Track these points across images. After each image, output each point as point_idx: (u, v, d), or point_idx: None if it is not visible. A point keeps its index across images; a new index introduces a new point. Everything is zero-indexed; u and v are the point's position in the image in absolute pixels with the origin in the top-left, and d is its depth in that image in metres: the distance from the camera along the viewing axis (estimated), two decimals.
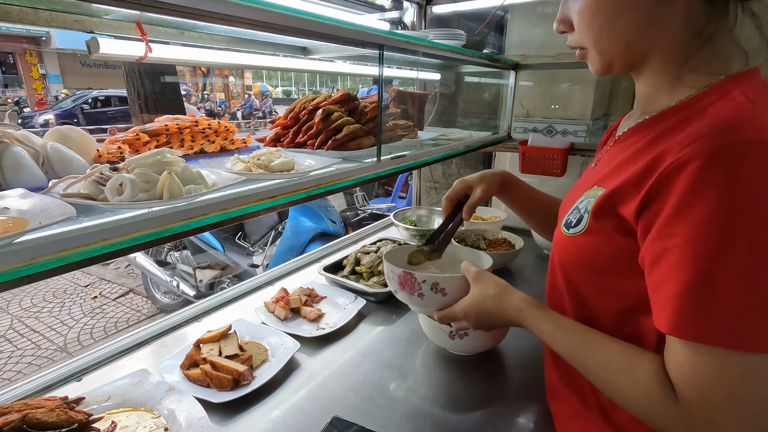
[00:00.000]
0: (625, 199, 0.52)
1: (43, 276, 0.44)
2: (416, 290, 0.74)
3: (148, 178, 0.61)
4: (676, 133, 0.50)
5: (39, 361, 2.90)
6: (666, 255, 0.45)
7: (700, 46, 0.52)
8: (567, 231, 0.64)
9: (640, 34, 0.55)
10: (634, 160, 0.54)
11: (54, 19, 0.63)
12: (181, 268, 3.10)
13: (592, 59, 0.61)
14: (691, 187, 0.43)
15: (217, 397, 0.81)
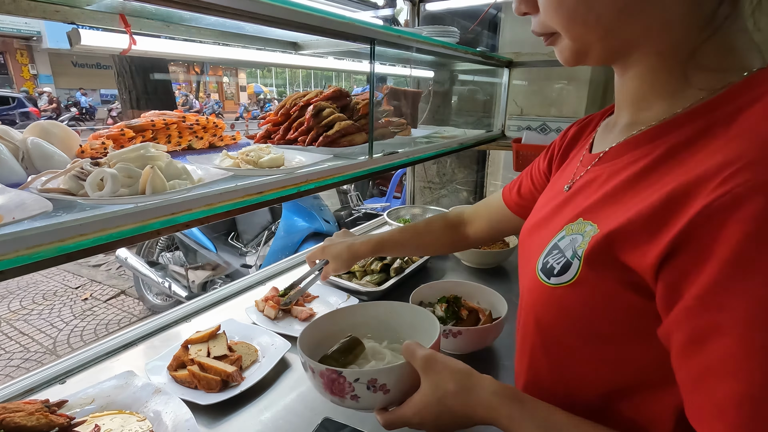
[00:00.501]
0: (633, 246, 0.38)
1: (16, 273, 0.42)
2: (348, 392, 0.55)
3: (131, 173, 0.59)
4: (697, 152, 0.37)
5: (27, 364, 2.85)
6: (716, 336, 0.30)
7: (709, 37, 0.40)
8: (547, 280, 0.48)
9: (627, 16, 0.41)
10: (639, 190, 0.41)
11: (33, 9, 0.60)
12: (173, 269, 3.06)
13: (562, 46, 0.48)
14: (752, 237, 0.29)
15: (204, 398, 0.79)
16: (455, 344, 0.92)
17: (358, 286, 1.20)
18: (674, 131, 0.41)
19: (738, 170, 0.31)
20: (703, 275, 0.32)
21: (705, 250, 0.32)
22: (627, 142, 0.47)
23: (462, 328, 0.89)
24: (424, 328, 0.70)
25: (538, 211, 0.61)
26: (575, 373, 0.49)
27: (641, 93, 0.47)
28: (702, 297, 0.32)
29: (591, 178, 0.50)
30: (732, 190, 0.31)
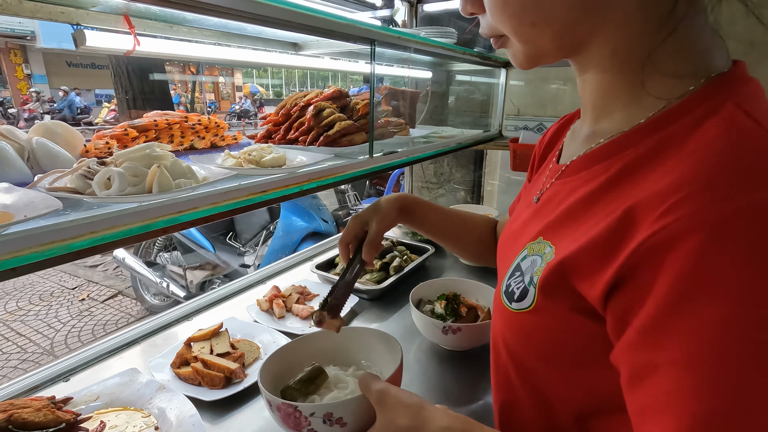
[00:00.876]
0: (584, 275, 0.37)
1: (29, 269, 0.43)
2: (304, 426, 0.54)
3: (137, 172, 0.60)
4: (648, 174, 0.35)
5: (25, 365, 2.84)
6: (656, 374, 0.30)
7: (666, 38, 0.37)
8: (509, 304, 0.47)
9: (578, 13, 0.38)
10: (594, 211, 0.39)
11: (39, 10, 0.61)
12: (171, 269, 3.06)
13: (514, 50, 0.44)
14: (687, 277, 0.28)
15: (208, 395, 0.80)
16: (455, 341, 0.93)
17: (358, 285, 1.21)
18: (630, 147, 0.39)
19: (679, 201, 0.30)
20: (643, 311, 0.31)
21: (645, 285, 0.31)
22: (586, 156, 0.44)
23: (461, 325, 0.91)
24: (389, 354, 0.70)
25: (513, 221, 0.60)
26: (547, 395, 0.48)
27: (600, 98, 0.44)
28: (641, 333, 0.31)
29: (553, 193, 0.48)
30: (671, 225, 0.29)
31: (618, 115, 0.42)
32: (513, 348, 0.49)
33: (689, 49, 0.38)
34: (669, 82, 0.38)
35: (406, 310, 1.16)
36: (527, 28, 0.41)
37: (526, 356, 0.48)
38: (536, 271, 0.44)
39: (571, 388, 0.45)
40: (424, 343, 1.02)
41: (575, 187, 0.44)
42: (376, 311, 1.17)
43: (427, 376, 0.90)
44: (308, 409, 0.54)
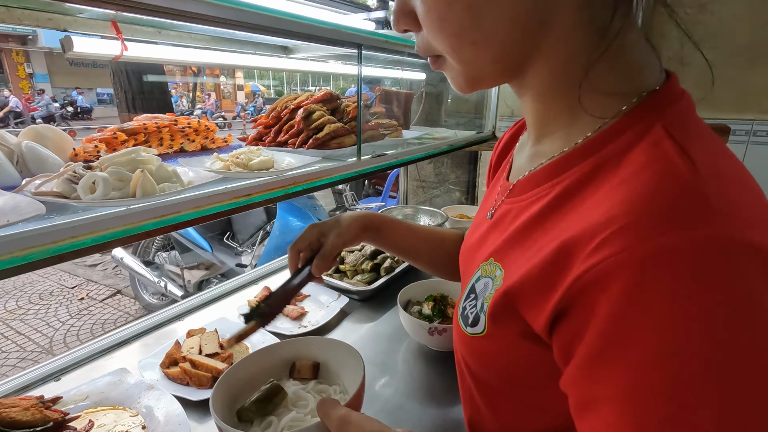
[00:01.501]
0: (529, 304, 0.37)
1: (11, 273, 0.44)
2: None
3: (122, 177, 0.61)
4: (584, 200, 0.36)
5: (23, 364, 2.86)
6: (596, 407, 0.31)
7: (603, 52, 0.36)
8: (465, 328, 0.47)
9: (518, 33, 0.37)
10: (537, 236, 0.39)
11: (27, 17, 0.63)
12: (169, 269, 3.08)
13: (453, 73, 0.42)
14: (620, 316, 0.29)
15: (195, 394, 0.81)
16: (441, 341, 0.94)
17: (348, 285, 1.23)
18: (569, 169, 0.39)
19: (609, 237, 0.30)
20: (581, 347, 0.32)
21: (581, 322, 0.31)
22: (531, 176, 0.44)
23: (447, 326, 0.92)
24: (352, 370, 0.67)
25: (471, 234, 0.59)
26: (507, 414, 0.48)
27: (540, 118, 0.44)
28: (580, 368, 0.32)
29: (504, 212, 0.48)
30: (600, 264, 0.30)
31: (558, 134, 0.42)
32: (473, 368, 0.50)
33: (623, 65, 0.38)
34: (604, 101, 0.38)
35: (396, 311, 1.17)
36: (467, 48, 0.38)
37: (485, 377, 0.48)
38: (487, 297, 0.44)
39: (527, 408, 0.46)
40: (413, 343, 1.03)
41: (522, 208, 0.44)
42: (366, 312, 1.18)
43: (413, 377, 0.91)
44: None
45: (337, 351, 0.72)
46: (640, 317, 0.28)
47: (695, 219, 0.28)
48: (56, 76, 16.35)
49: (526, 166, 0.47)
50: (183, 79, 18.56)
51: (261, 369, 0.70)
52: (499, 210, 0.49)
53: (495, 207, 0.51)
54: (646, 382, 0.28)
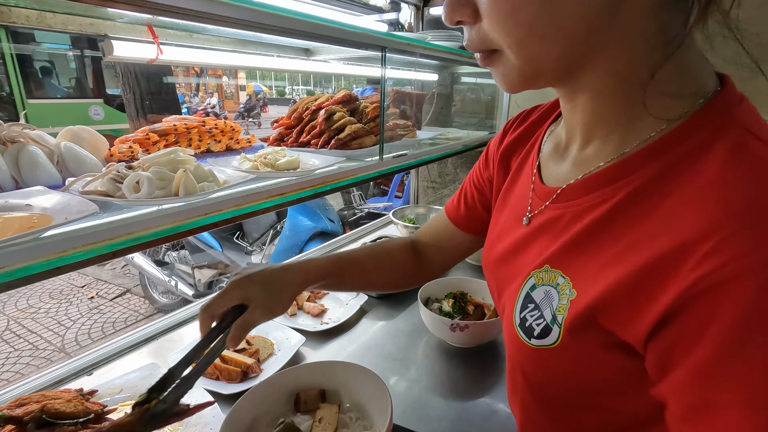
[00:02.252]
0: (620, 317, 0.36)
1: (72, 268, 0.46)
2: None
3: (163, 176, 0.63)
4: (662, 201, 0.35)
5: (37, 362, 2.89)
6: (715, 412, 0.30)
7: (668, 57, 0.36)
8: (528, 340, 0.45)
9: (587, 29, 0.36)
10: (606, 241, 0.39)
11: (71, 22, 0.65)
12: (180, 268, 3.11)
13: (507, 68, 0.40)
14: (748, 320, 0.28)
15: (226, 388, 0.83)
16: (462, 338, 0.96)
17: None
18: (635, 172, 0.38)
19: (724, 241, 0.30)
20: (698, 352, 0.31)
21: (697, 327, 0.31)
22: (585, 181, 0.43)
23: (469, 322, 0.94)
24: (376, 400, 0.62)
25: (496, 239, 0.57)
26: (568, 419, 0.47)
27: (594, 120, 0.42)
28: (698, 375, 0.31)
29: (552, 217, 0.46)
30: (721, 268, 0.29)
31: (613, 136, 0.41)
32: (532, 380, 0.48)
33: (686, 68, 0.38)
34: (668, 103, 0.38)
35: (414, 308, 1.19)
36: (535, 42, 0.36)
37: (547, 386, 0.47)
38: (558, 308, 0.42)
39: (591, 412, 0.45)
40: (432, 339, 1.05)
41: (578, 213, 0.42)
42: (384, 309, 1.21)
43: (435, 372, 0.93)
44: None
45: (359, 378, 0.66)
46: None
47: None
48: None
49: (573, 169, 0.46)
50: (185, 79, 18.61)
51: (264, 408, 0.65)
52: (543, 215, 0.48)
53: (532, 212, 0.50)
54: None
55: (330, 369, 0.69)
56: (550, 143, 0.53)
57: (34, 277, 0.43)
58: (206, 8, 0.56)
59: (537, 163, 0.54)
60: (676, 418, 0.34)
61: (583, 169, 0.44)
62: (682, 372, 0.32)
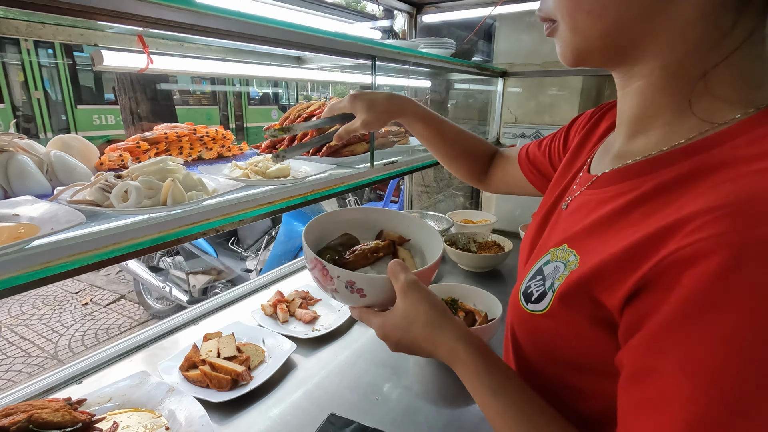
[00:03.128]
0: (607, 284, 0.38)
1: (58, 278, 0.46)
2: (329, 285, 0.59)
3: (152, 185, 0.63)
4: (682, 195, 0.35)
5: (29, 369, 2.87)
6: (656, 376, 0.32)
7: (722, 60, 0.36)
8: (525, 305, 0.48)
9: (636, 12, 0.37)
10: (621, 226, 0.40)
11: (60, 32, 0.65)
12: (174, 274, 3.10)
13: (562, 40, 0.43)
14: (703, 294, 0.29)
15: (216, 396, 0.83)
16: None
17: None
18: (666, 167, 0.39)
19: (710, 221, 0.30)
20: (654, 319, 0.32)
21: (660, 296, 0.32)
22: (618, 171, 0.44)
23: None
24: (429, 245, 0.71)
25: (538, 216, 0.60)
26: (553, 393, 0.48)
27: (640, 113, 0.43)
28: (649, 338, 0.33)
29: (582, 202, 0.49)
30: (696, 243, 0.30)
31: (657, 131, 0.42)
32: (520, 343, 0.51)
33: (744, 76, 0.37)
34: (717, 106, 0.37)
35: None
36: (582, 15, 0.39)
37: (530, 352, 0.50)
38: (558, 277, 0.44)
39: (564, 391, 0.46)
40: None
41: (605, 199, 0.44)
42: None
43: (427, 379, 0.94)
44: (335, 271, 0.57)
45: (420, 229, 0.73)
46: (724, 299, 0.28)
47: None
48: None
49: (613, 161, 0.47)
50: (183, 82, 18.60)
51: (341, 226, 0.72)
52: (577, 200, 0.50)
53: (571, 197, 0.52)
54: (715, 358, 0.28)
55: (415, 224, 0.75)
56: (605, 143, 0.55)
57: (19, 288, 0.43)
58: (195, 20, 0.57)
59: (591, 155, 0.56)
60: (623, 380, 0.35)
61: (621, 161, 0.45)
62: (637, 338, 0.34)
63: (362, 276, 0.57)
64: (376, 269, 0.66)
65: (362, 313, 0.59)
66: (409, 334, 0.52)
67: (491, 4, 1.64)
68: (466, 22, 1.84)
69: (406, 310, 0.53)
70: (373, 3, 1.58)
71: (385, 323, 0.55)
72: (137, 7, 0.48)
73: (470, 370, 0.47)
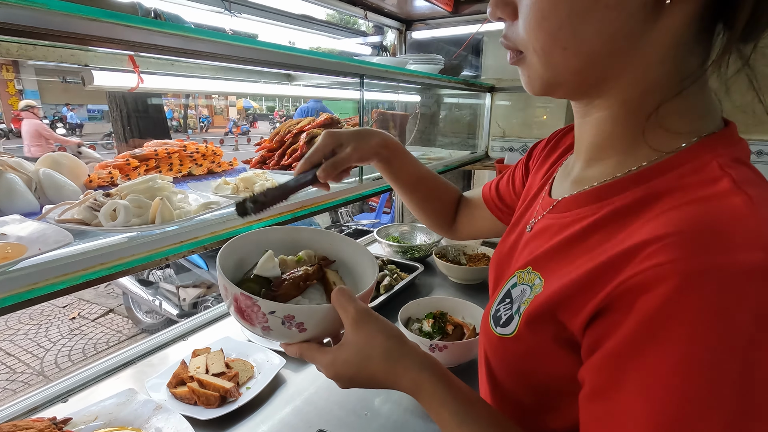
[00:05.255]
0: (570, 308, 0.39)
1: (45, 299, 0.47)
2: (259, 322, 0.50)
3: (141, 204, 0.64)
4: (635, 220, 0.38)
5: (14, 386, 2.81)
6: (613, 393, 0.34)
7: (676, 94, 0.39)
8: (495, 328, 0.49)
9: (608, 49, 0.38)
10: (581, 251, 0.42)
11: (51, 54, 0.66)
12: (164, 287, 3.07)
13: (531, 71, 0.43)
14: (656, 317, 0.32)
15: (204, 414, 0.83)
16: (441, 358, 0.97)
17: None
18: (620, 193, 0.41)
19: (660, 248, 0.32)
20: (614, 338, 0.34)
21: (617, 319, 0.34)
22: (577, 196, 0.46)
23: (448, 343, 0.95)
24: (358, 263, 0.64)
25: (505, 240, 0.61)
26: (526, 414, 0.49)
27: (598, 141, 0.45)
28: (606, 358, 0.35)
29: (545, 225, 0.50)
30: (648, 270, 0.32)
31: (612, 160, 0.44)
32: (492, 367, 0.52)
33: (692, 108, 0.40)
34: (665, 136, 0.40)
35: None
36: (557, 51, 0.39)
37: (502, 376, 0.50)
38: (524, 300, 0.46)
39: (537, 414, 0.47)
40: None
41: (566, 224, 0.46)
42: None
43: None
44: (268, 307, 0.49)
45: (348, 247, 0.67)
46: (674, 322, 0.31)
47: (746, 245, 0.30)
48: (47, 92, 16.28)
49: (572, 186, 0.49)
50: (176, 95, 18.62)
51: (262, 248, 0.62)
52: (540, 223, 0.52)
53: (535, 220, 0.53)
54: (665, 380, 0.31)
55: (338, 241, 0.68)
56: (564, 164, 0.57)
57: (6, 310, 0.43)
58: (185, 45, 0.58)
59: (552, 179, 0.57)
60: (584, 396, 0.37)
61: (579, 187, 0.47)
62: (597, 357, 0.36)
63: (302, 308, 0.50)
64: (307, 297, 0.58)
65: (303, 350, 0.52)
66: (366, 369, 0.48)
67: (478, 21, 1.68)
68: (455, 38, 1.89)
69: (360, 344, 0.48)
70: (364, 20, 1.61)
71: (336, 360, 0.49)
72: (127, 33, 0.49)
73: (437, 400, 0.46)
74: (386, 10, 1.64)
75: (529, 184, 0.65)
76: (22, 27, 0.42)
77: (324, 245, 0.67)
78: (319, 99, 3.17)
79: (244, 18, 1.16)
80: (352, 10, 1.45)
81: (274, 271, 0.57)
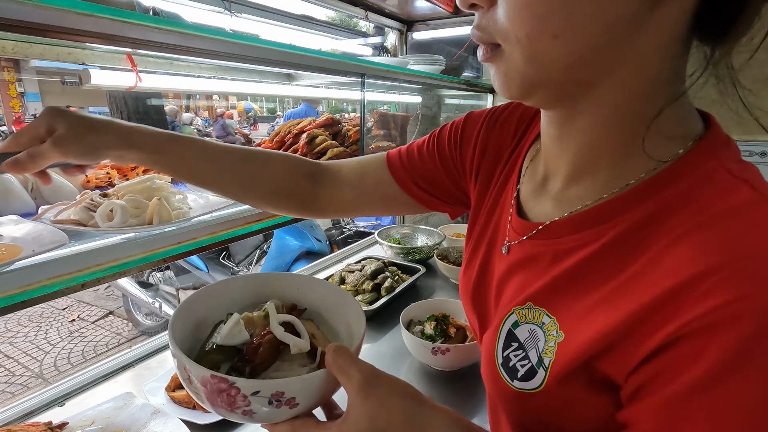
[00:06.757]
0: (614, 355, 0.35)
1: (39, 301, 0.45)
2: (240, 406, 0.39)
3: (138, 204, 0.63)
4: (650, 242, 0.35)
5: (13, 389, 2.79)
6: None
7: (677, 97, 0.36)
8: (511, 382, 0.43)
9: (603, 40, 0.33)
10: (589, 282, 0.38)
11: (48, 52, 0.65)
12: (164, 289, 3.06)
13: (509, 66, 0.36)
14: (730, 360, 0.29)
15: (202, 418, 0.81)
16: (444, 361, 0.96)
17: None
18: (624, 213, 0.37)
19: (720, 282, 0.30)
20: (672, 387, 0.31)
21: (682, 363, 0.31)
22: (571, 219, 0.40)
23: (450, 346, 0.93)
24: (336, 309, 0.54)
25: (474, 263, 0.54)
26: None
27: (585, 153, 0.40)
28: (672, 401, 0.31)
29: (531, 253, 0.44)
30: (711, 313, 0.30)
31: (603, 173, 0.39)
32: (515, 419, 0.46)
33: (682, 108, 0.37)
34: (662, 143, 0.36)
35: (398, 331, 1.18)
36: (546, 40, 0.33)
37: (532, 428, 0.45)
38: (545, 350, 0.40)
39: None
40: (415, 363, 1.04)
41: (563, 252, 0.40)
42: (368, 331, 1.20)
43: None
44: (250, 388, 0.38)
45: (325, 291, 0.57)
46: (751, 365, 0.28)
47: None
48: (48, 95, 16.33)
49: (556, 206, 0.44)
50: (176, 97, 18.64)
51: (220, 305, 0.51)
52: (522, 248, 0.45)
53: (509, 242, 0.47)
54: (744, 425, 0.29)
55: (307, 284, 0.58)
56: (530, 173, 0.50)
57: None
58: (184, 42, 0.57)
59: (516, 191, 0.50)
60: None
61: (567, 207, 0.42)
62: (654, 399, 0.32)
63: (293, 381, 0.40)
64: (287, 360, 0.46)
65: (296, 427, 0.42)
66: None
67: None
68: (456, 38, 1.88)
69: (371, 414, 0.39)
70: (364, 20, 1.60)
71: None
72: (124, 29, 0.48)
73: None
74: (387, 10, 1.63)
75: (479, 191, 0.57)
76: (16, 22, 0.41)
77: (291, 291, 0.56)
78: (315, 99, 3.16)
79: (244, 18, 1.15)
80: (352, 10, 1.44)
81: (241, 337, 0.46)
